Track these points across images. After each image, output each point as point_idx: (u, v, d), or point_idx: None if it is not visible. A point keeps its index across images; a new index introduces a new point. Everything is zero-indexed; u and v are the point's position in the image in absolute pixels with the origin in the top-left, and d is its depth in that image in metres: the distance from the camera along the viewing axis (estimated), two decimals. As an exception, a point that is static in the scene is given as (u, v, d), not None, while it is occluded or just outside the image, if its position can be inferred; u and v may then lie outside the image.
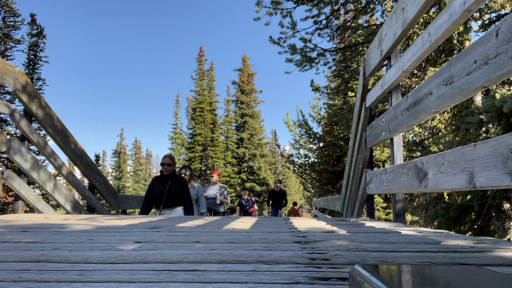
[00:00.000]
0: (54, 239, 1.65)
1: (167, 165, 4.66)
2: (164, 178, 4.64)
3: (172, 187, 4.57)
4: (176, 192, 4.56)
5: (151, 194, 4.62)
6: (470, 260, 1.17)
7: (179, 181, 4.69)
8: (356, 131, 3.89)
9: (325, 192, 14.10)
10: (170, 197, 4.53)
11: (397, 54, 2.73)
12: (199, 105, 29.58)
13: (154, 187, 4.65)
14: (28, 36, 18.61)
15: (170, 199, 4.54)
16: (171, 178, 4.64)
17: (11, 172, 3.45)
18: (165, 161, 4.72)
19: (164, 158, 4.74)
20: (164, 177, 4.65)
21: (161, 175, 4.69)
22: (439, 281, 0.61)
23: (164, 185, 4.58)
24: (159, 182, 4.66)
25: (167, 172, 4.62)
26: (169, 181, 4.59)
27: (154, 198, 4.57)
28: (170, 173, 4.65)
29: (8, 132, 15.66)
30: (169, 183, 4.58)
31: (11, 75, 3.36)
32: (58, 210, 10.65)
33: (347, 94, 11.50)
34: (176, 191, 4.57)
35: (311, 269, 1.04)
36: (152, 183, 4.76)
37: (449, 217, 3.90)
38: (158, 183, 4.66)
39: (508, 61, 1.27)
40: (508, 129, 3.42)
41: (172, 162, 4.71)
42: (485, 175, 1.38)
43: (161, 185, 4.61)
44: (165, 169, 4.63)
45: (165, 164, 4.68)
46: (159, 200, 4.56)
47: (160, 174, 4.74)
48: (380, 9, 8.03)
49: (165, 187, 4.55)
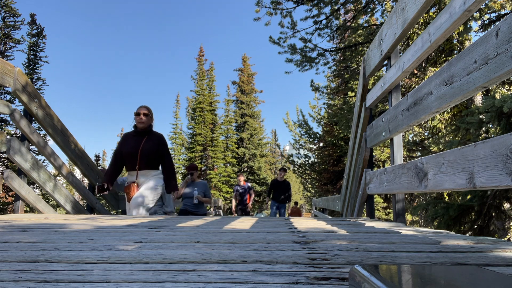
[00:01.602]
0: (54, 239, 1.65)
1: (143, 114, 3.68)
2: (138, 133, 3.70)
3: (147, 145, 3.64)
4: (152, 152, 3.64)
5: (120, 153, 3.72)
6: (470, 260, 1.17)
7: (158, 138, 3.75)
8: (356, 131, 3.89)
9: (325, 192, 14.11)
10: (144, 158, 3.62)
11: (397, 54, 2.73)
12: (199, 105, 29.58)
13: (124, 145, 3.71)
14: (28, 36, 18.62)
15: (144, 160, 3.62)
16: (147, 135, 3.71)
17: (11, 172, 3.45)
18: (140, 110, 3.72)
19: (139, 108, 3.75)
20: (138, 132, 3.70)
21: (134, 130, 3.74)
22: (439, 281, 0.61)
23: (138, 143, 3.64)
24: (131, 139, 3.71)
25: (142, 124, 3.66)
26: (144, 138, 3.67)
27: (125, 158, 3.69)
28: (146, 128, 3.70)
29: (8, 132, 15.67)
30: (144, 140, 3.66)
31: (11, 75, 3.36)
32: (58, 210, 10.66)
33: (347, 94, 11.51)
34: (153, 151, 3.65)
35: (311, 269, 1.04)
36: (122, 140, 3.79)
37: (449, 217, 3.90)
38: (130, 140, 3.71)
39: (508, 61, 1.27)
40: (508, 129, 3.42)
41: (150, 113, 3.77)
42: (485, 175, 1.38)
43: (133, 143, 3.66)
44: (141, 120, 3.65)
45: (140, 114, 3.68)
46: (130, 161, 3.64)
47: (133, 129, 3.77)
48: (380, 9, 8.03)
49: (138, 145, 3.62)
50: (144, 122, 3.67)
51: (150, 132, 3.75)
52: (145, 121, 3.68)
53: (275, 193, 8.76)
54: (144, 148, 3.63)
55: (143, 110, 3.73)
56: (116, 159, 3.78)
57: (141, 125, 3.67)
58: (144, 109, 3.74)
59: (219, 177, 28.26)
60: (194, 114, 29.99)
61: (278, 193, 8.70)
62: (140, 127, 3.68)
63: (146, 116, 3.70)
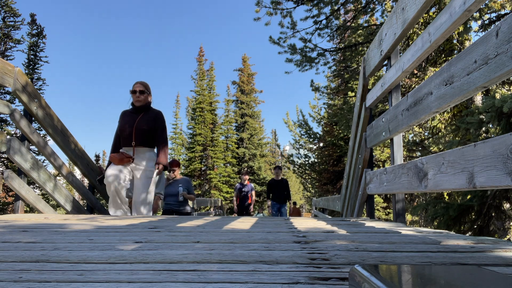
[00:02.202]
0: (54, 239, 1.65)
1: (139, 92, 3.57)
2: (135, 110, 3.61)
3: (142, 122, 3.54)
4: (146, 130, 3.53)
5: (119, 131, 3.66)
6: (470, 260, 1.17)
7: (155, 115, 3.63)
8: (356, 131, 3.89)
9: (325, 192, 14.10)
10: (139, 135, 3.53)
11: (397, 54, 2.73)
12: (199, 105, 29.57)
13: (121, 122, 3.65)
14: (28, 36, 18.62)
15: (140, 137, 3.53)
16: (144, 111, 3.61)
17: (11, 172, 3.45)
18: (136, 88, 3.59)
19: (135, 84, 3.63)
20: (135, 109, 3.61)
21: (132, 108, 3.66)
22: (439, 281, 0.61)
23: (134, 119, 3.56)
24: (128, 116, 3.64)
25: (139, 102, 3.57)
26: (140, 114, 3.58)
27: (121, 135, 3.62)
28: (143, 105, 3.60)
29: (8, 132, 15.67)
30: (140, 116, 3.57)
31: (11, 75, 3.36)
32: (58, 210, 10.66)
33: (347, 94, 11.51)
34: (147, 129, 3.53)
35: (311, 269, 1.04)
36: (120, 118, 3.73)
37: (449, 217, 3.90)
38: (127, 116, 3.64)
39: (508, 61, 1.27)
40: (508, 129, 3.42)
41: (147, 90, 3.63)
42: (485, 175, 1.38)
43: (130, 119, 3.58)
44: (137, 98, 3.56)
45: (136, 92, 3.57)
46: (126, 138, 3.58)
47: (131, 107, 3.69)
48: (380, 9, 8.03)
49: (134, 122, 3.55)
50: (141, 100, 3.55)
51: (148, 109, 3.63)
52: (142, 99, 3.56)
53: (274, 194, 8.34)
54: (139, 125, 3.51)
55: (139, 87, 3.57)
56: (117, 139, 3.69)
57: (139, 104, 3.57)
58: (140, 86, 3.58)
59: (219, 177, 28.26)
60: (194, 114, 29.98)
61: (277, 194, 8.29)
62: (138, 105, 3.59)
63: (142, 93, 3.55)
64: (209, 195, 27.39)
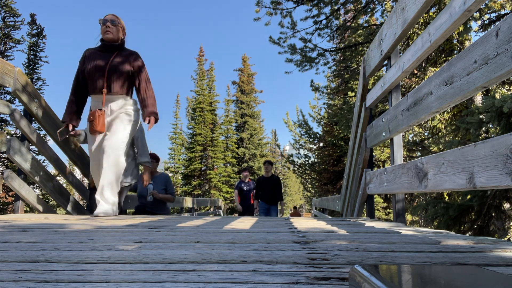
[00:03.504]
0: (54, 239, 1.65)
1: (110, 22, 2.82)
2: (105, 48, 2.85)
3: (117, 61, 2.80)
4: (124, 71, 2.80)
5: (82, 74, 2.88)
6: (470, 260, 1.17)
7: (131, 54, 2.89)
8: (356, 131, 3.89)
9: (325, 192, 14.10)
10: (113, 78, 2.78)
11: (397, 54, 2.73)
12: (199, 105, 29.57)
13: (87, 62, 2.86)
14: (28, 36, 18.63)
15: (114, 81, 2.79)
16: (118, 50, 2.87)
17: (11, 172, 3.45)
18: (107, 17, 2.86)
19: (106, 15, 2.91)
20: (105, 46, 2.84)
21: (101, 45, 2.90)
22: (439, 281, 0.61)
23: (105, 59, 2.80)
24: (96, 55, 2.86)
25: (109, 34, 2.80)
26: (113, 54, 2.84)
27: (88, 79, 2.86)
28: (116, 40, 2.87)
29: (8, 132, 15.67)
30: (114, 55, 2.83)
31: (11, 75, 3.36)
32: (58, 210, 10.66)
33: (347, 94, 11.51)
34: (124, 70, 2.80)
35: (311, 269, 1.04)
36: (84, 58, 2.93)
37: (449, 217, 3.90)
38: (96, 55, 2.85)
39: (508, 61, 1.27)
40: (508, 129, 3.42)
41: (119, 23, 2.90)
42: (485, 175, 1.38)
43: (99, 59, 2.81)
44: (107, 29, 2.80)
45: (107, 22, 2.82)
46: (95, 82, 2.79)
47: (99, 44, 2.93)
48: (380, 9, 8.03)
49: (106, 62, 2.79)
50: (112, 31, 2.82)
51: (121, 48, 2.92)
52: (114, 31, 2.84)
53: (262, 193, 7.03)
54: (113, 65, 2.78)
55: (110, 17, 2.89)
56: (78, 84, 2.90)
57: (108, 35, 2.83)
58: (112, 16, 2.90)
59: (219, 177, 28.26)
60: (194, 114, 29.98)
61: (266, 193, 6.95)
62: (108, 37, 2.84)
63: (114, 25, 2.85)
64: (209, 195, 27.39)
